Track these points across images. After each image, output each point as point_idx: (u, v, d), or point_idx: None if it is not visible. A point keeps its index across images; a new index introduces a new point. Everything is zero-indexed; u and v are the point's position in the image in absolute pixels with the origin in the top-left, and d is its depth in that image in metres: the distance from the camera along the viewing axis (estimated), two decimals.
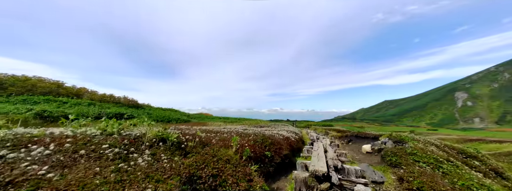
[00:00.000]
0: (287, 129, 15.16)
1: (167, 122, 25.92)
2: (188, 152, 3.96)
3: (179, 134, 4.53)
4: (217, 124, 22.30)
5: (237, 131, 8.22)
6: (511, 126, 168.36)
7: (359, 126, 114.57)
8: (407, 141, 9.53)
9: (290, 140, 8.20)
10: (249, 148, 5.32)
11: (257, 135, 6.82)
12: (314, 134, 24.69)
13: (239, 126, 17.73)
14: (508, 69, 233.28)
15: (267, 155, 5.63)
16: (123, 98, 27.30)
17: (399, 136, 10.62)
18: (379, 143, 11.02)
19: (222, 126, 20.55)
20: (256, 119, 51.47)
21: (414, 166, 5.81)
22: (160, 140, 3.94)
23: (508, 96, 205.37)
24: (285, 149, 6.67)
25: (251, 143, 5.74)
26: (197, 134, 5.23)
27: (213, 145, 4.63)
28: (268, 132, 8.87)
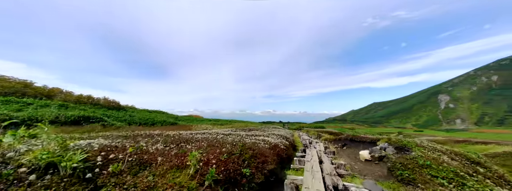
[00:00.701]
0: (277, 133, 13.69)
1: (151, 125, 23.84)
2: (100, 185, 2.32)
3: (86, 155, 2.72)
4: (204, 126, 20.52)
5: (214, 137, 6.66)
6: (489, 126, 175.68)
7: (349, 127, 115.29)
8: (410, 147, 8.26)
9: (279, 148, 6.72)
10: (219, 165, 3.78)
11: (236, 144, 5.26)
12: (306, 137, 23.37)
13: (225, 129, 16.11)
14: (485, 73, 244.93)
15: (245, 174, 4.09)
16: (103, 99, 24.92)
17: (400, 141, 9.37)
18: (377, 148, 9.72)
19: (209, 128, 18.84)
20: (247, 121, 49.81)
21: (433, 184, 4.47)
22: (49, 165, 2.26)
23: (485, 98, 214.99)
24: (271, 163, 5.15)
25: (223, 157, 4.17)
26: (137, 148, 3.57)
27: (159, 165, 3.04)
28: (253, 139, 7.34)
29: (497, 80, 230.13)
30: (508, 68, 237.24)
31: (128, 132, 8.16)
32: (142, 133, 7.76)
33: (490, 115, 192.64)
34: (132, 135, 7.34)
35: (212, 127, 20.89)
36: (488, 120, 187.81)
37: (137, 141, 5.10)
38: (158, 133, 8.25)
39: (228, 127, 21.77)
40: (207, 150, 4.52)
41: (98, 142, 4.08)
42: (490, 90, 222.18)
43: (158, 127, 23.36)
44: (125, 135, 7.13)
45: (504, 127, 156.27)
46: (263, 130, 16.69)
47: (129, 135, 7.24)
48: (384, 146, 9.80)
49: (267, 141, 7.03)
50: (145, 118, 24.80)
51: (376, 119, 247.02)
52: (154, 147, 4.08)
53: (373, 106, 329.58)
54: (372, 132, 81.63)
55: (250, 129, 16.74)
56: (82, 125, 11.30)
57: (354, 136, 14.53)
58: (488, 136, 61.70)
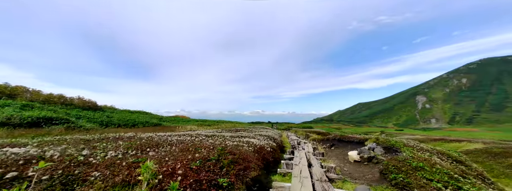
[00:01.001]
0: (265, 134, 13.08)
1: (132, 126, 22.16)
2: None
3: None
4: (189, 127, 19.36)
5: (192, 139, 5.85)
6: (459, 125, 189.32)
7: (336, 127, 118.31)
8: (399, 147, 8.01)
9: (265, 151, 6.06)
10: (188, 176, 3.03)
11: (214, 148, 4.51)
12: (294, 137, 23.04)
13: (210, 130, 15.19)
14: (456, 76, 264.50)
15: (222, 184, 3.37)
16: (78, 99, 22.76)
17: (388, 141, 9.14)
18: (366, 149, 9.44)
19: (194, 130, 17.79)
20: (235, 122, 48.77)
21: (429, 188, 4.07)
22: None
23: (456, 99, 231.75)
24: (254, 168, 4.46)
25: (194, 164, 3.42)
26: (71, 159, 2.66)
27: (94, 183, 2.21)
28: (237, 141, 6.62)
29: (466, 83, 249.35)
30: (475, 72, 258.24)
31: (96, 135, 7.06)
32: (111, 136, 6.73)
33: (460, 114, 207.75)
34: (97, 138, 6.31)
35: (197, 128, 19.79)
36: (459, 119, 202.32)
37: (94, 146, 4.18)
38: (130, 135, 7.23)
39: (215, 128, 20.80)
40: (176, 156, 3.73)
41: (35, 150, 3.15)
42: (460, 92, 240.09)
43: (139, 128, 21.81)
44: (88, 138, 6.09)
45: (473, 126, 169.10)
46: (251, 130, 16.02)
47: (93, 138, 6.20)
48: (372, 146, 9.54)
49: (252, 143, 6.35)
50: (125, 119, 23.04)
51: (361, 118, 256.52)
52: (103, 155, 3.22)
53: (358, 106, 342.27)
54: (357, 132, 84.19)
55: (237, 129, 15.97)
56: (42, 127, 9.82)
57: (342, 136, 14.32)
58: (460, 134, 66.03)
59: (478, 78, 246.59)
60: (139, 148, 4.26)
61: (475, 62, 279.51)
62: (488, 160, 19.96)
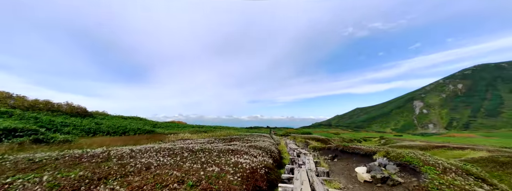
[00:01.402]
0: (262, 144, 11.80)
1: (122, 134, 20.75)
2: None
3: None
4: (181, 136, 17.98)
5: (164, 162, 4.61)
6: (456, 130, 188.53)
7: (334, 132, 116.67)
8: (417, 166, 6.77)
9: (258, 175, 4.84)
10: None
11: (188, 179, 3.27)
12: (294, 146, 21.65)
13: (203, 139, 13.86)
14: (452, 81, 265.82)
15: None
16: (66, 105, 21.41)
17: (401, 156, 7.91)
18: (376, 165, 8.18)
19: (186, 138, 16.42)
20: (232, 128, 46.97)
21: None
22: None
23: (452, 104, 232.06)
24: None
25: None
26: None
27: None
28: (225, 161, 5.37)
29: (462, 88, 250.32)
30: (470, 78, 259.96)
31: (54, 152, 5.76)
32: (68, 155, 5.43)
33: (457, 119, 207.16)
34: (45, 158, 5.01)
35: (190, 136, 18.42)
36: (456, 124, 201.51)
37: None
38: (96, 152, 5.94)
39: (209, 135, 19.43)
40: None
41: None
42: (456, 97, 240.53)
43: (129, 136, 20.39)
44: (31, 158, 4.79)
45: (470, 131, 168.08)
46: (246, 139, 14.70)
47: (41, 159, 4.85)
48: (382, 161, 8.29)
49: (242, 165, 5.10)
50: (116, 125, 21.65)
51: (359, 123, 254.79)
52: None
53: (356, 111, 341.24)
54: (356, 137, 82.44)
55: (232, 138, 14.65)
56: (1, 141, 8.46)
57: (345, 147, 13.05)
58: (459, 140, 64.73)
59: (473, 84, 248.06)
60: (73, 186, 3.01)
61: (470, 68, 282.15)
62: (496, 170, 18.61)
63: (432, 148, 39.84)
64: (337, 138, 58.26)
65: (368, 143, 72.62)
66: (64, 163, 4.17)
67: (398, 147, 44.65)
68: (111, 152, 6.05)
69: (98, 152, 5.98)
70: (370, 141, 78.14)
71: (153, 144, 11.31)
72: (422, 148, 40.24)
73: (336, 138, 57.24)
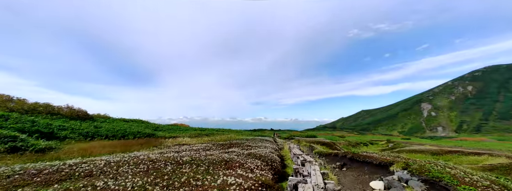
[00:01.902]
0: (262, 153, 10.65)
1: (121, 138, 20.04)
2: None
3: None
4: (180, 140, 17.06)
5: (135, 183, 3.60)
6: (467, 133, 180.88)
7: (340, 134, 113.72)
8: (450, 184, 5.49)
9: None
10: None
11: None
12: (298, 151, 20.33)
13: (200, 145, 12.85)
14: (461, 83, 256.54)
15: None
16: (67, 108, 20.96)
17: (426, 170, 6.60)
18: (395, 180, 6.89)
19: (183, 143, 15.47)
20: (234, 131, 45.65)
21: None
22: None
23: (462, 107, 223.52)
24: None
25: None
26: None
27: None
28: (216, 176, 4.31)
29: (472, 90, 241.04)
30: (480, 80, 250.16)
31: (16, 166, 4.86)
32: (30, 170, 4.53)
33: (467, 122, 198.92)
34: None
35: (189, 140, 17.47)
36: (466, 127, 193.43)
37: None
38: (66, 166, 5.03)
39: (209, 140, 18.43)
40: None
41: None
42: (466, 99, 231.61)
43: (127, 140, 19.65)
44: None
45: (481, 134, 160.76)
46: (247, 145, 13.58)
47: None
48: (403, 175, 6.98)
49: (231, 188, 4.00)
50: (115, 129, 20.99)
51: (364, 126, 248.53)
52: None
53: (361, 114, 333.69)
54: (362, 140, 79.55)
55: (231, 144, 13.57)
56: None
57: (355, 154, 11.74)
58: (472, 144, 61.19)
59: (484, 86, 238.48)
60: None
61: (480, 70, 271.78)
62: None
63: (445, 152, 37.40)
64: (343, 141, 56.15)
65: (375, 147, 69.83)
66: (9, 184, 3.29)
67: (407, 151, 42.27)
68: (82, 165, 5.13)
69: (65, 166, 5.07)
70: (377, 145, 75.22)
71: (146, 151, 10.41)
72: (434, 153, 37.85)
73: (341, 141, 55.16)
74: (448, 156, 35.11)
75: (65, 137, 15.96)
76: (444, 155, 35.93)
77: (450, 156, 35.09)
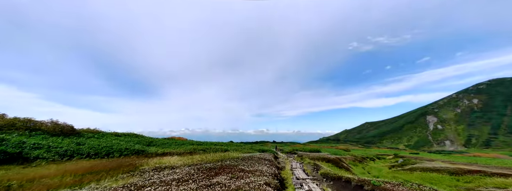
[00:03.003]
0: (256, 183, 8.30)
1: (106, 156, 17.80)
2: None
3: None
4: (165, 160, 14.69)
5: None
6: (477, 148, 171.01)
7: (344, 147, 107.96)
8: None
9: None
10: None
11: None
12: (301, 171, 17.56)
13: (183, 169, 10.51)
14: (466, 96, 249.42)
15: None
16: (51, 123, 19.12)
17: None
18: None
19: (166, 166, 13.10)
20: (234, 144, 42.37)
21: None
22: None
23: (469, 120, 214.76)
24: None
25: None
26: None
27: None
28: None
29: (477, 103, 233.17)
30: (485, 93, 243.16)
31: None
32: None
33: (476, 136, 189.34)
34: None
35: (175, 161, 15.07)
36: (475, 142, 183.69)
37: None
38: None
39: (200, 159, 15.98)
40: None
41: None
42: (472, 113, 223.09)
43: (111, 159, 17.40)
44: None
45: (491, 149, 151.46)
46: (239, 169, 11.15)
47: None
48: None
49: None
50: (101, 146, 18.82)
51: (369, 139, 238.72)
52: None
53: (365, 126, 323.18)
54: (368, 154, 74.33)
55: (222, 167, 11.14)
56: None
57: (376, 187, 9.16)
58: (487, 161, 55.95)
59: (489, 99, 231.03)
60: None
61: (484, 83, 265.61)
62: None
63: (464, 172, 33.27)
64: (348, 156, 52.07)
65: (382, 162, 64.74)
66: None
67: (420, 169, 38.16)
68: None
69: None
70: (385, 160, 70.05)
71: (111, 180, 8.23)
72: (452, 172, 33.75)
73: (347, 156, 51.12)
74: (469, 176, 31.11)
75: (37, 157, 13.88)
76: (463, 175, 31.93)
77: (470, 177, 31.06)
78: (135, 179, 8.56)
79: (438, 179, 32.28)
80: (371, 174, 38.06)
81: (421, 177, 33.83)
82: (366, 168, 45.46)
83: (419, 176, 34.54)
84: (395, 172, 39.86)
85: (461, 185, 28.82)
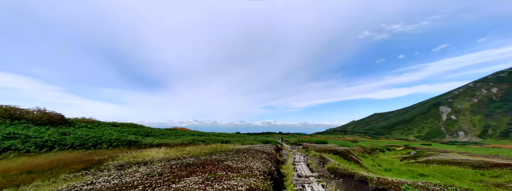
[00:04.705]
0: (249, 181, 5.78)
1: (92, 147, 16.12)
2: None
3: None
4: (154, 151, 12.62)
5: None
6: (493, 139, 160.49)
7: (351, 139, 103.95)
8: None
9: None
10: None
11: None
12: (304, 166, 14.92)
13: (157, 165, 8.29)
14: (485, 85, 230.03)
15: None
16: (38, 111, 17.65)
17: None
18: None
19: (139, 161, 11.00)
20: (237, 135, 40.14)
21: None
22: None
23: (487, 110, 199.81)
24: None
25: None
26: None
27: None
28: None
29: (497, 93, 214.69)
30: (506, 81, 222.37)
31: None
32: None
33: (493, 127, 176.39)
34: None
35: (165, 152, 12.97)
36: (492, 132, 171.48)
37: None
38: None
39: (187, 151, 13.77)
40: None
41: None
42: (490, 102, 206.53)
43: (99, 150, 15.69)
44: None
45: (510, 140, 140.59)
46: (224, 168, 8.67)
47: None
48: None
49: None
50: (88, 136, 17.15)
51: (377, 130, 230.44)
52: None
53: (374, 117, 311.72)
54: (377, 145, 70.19)
55: (205, 162, 8.75)
56: None
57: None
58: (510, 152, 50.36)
59: (510, 88, 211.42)
60: None
61: (505, 71, 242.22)
62: None
63: (490, 166, 29.01)
64: (357, 148, 48.70)
65: (392, 154, 60.85)
66: None
67: (438, 162, 34.22)
68: None
69: None
70: (395, 151, 65.91)
71: (48, 182, 6.12)
72: (475, 166, 29.60)
73: (356, 148, 47.79)
74: (496, 170, 27.05)
75: (8, 148, 12.21)
76: (489, 168, 27.83)
77: (498, 171, 26.96)
78: (82, 180, 6.43)
79: (460, 173, 28.34)
80: (382, 166, 34.77)
81: (440, 171, 29.98)
82: (376, 160, 42.11)
83: (437, 169, 30.65)
84: (408, 164, 36.14)
85: (487, 180, 25.04)
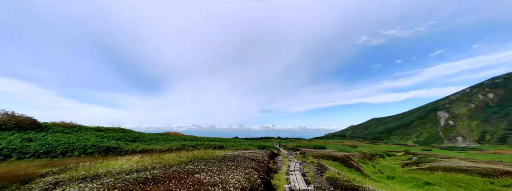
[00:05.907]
0: None
1: (61, 154, 14.06)
2: None
3: None
4: (113, 163, 10.64)
5: None
6: (491, 145, 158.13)
7: (350, 144, 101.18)
8: None
9: None
10: None
11: None
12: (299, 177, 12.83)
13: (111, 181, 6.45)
14: (481, 91, 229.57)
15: None
16: (4, 115, 15.67)
17: None
18: None
19: (103, 172, 9.10)
20: (232, 140, 37.58)
21: None
22: None
23: (484, 116, 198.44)
24: None
25: None
26: None
27: None
28: None
29: (493, 98, 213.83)
30: (502, 86, 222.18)
31: None
32: None
33: (490, 132, 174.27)
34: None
35: (138, 161, 11.01)
36: (489, 138, 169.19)
37: None
38: None
39: (170, 156, 11.79)
40: None
41: None
42: (486, 108, 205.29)
43: (67, 159, 13.66)
44: None
45: (507, 146, 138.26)
46: (190, 185, 6.71)
47: None
48: None
49: None
50: (58, 143, 15.12)
51: (376, 135, 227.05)
52: None
53: (373, 122, 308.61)
54: (376, 150, 67.55)
55: (167, 177, 6.81)
56: None
57: None
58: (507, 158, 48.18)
59: (506, 93, 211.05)
60: None
61: (501, 76, 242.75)
62: None
63: (500, 174, 26.81)
64: (357, 153, 46.41)
65: (393, 159, 58.33)
66: None
67: (442, 169, 31.91)
68: None
69: None
70: (395, 157, 63.38)
71: None
72: (483, 174, 27.34)
73: (355, 153, 45.49)
74: (507, 179, 24.88)
75: None
76: (499, 177, 25.67)
77: (510, 180, 24.83)
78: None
79: (468, 181, 26.08)
80: (384, 173, 32.40)
81: (446, 178, 27.69)
82: (377, 167, 39.70)
83: (442, 177, 28.32)
84: (411, 171, 33.78)
85: (498, 190, 22.88)
